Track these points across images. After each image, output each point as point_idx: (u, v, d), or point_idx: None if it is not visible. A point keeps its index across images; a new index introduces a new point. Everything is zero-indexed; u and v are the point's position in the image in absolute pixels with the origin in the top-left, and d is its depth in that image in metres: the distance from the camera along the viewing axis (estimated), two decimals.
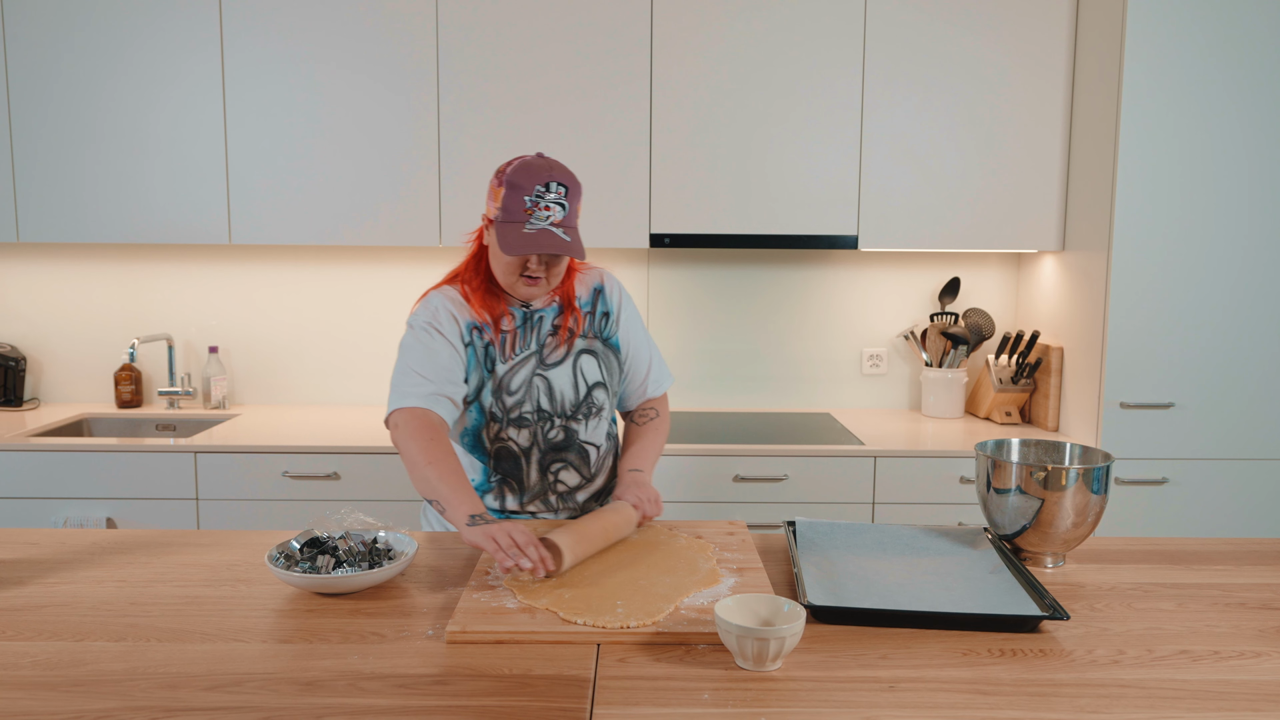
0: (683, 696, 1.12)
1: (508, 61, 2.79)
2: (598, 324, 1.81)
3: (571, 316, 1.78)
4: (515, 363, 1.74)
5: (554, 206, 1.61)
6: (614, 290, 1.85)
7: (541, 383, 1.74)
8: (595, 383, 1.78)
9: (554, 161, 1.66)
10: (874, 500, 2.66)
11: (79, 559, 1.57)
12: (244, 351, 3.22)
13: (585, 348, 1.79)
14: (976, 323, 3.09)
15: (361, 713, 1.08)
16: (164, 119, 2.82)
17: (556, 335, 1.76)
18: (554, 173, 1.63)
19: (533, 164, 1.64)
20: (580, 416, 1.78)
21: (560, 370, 1.76)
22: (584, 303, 1.81)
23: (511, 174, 1.63)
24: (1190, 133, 2.57)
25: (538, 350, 1.75)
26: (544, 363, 1.75)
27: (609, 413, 1.83)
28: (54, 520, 2.64)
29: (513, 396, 1.73)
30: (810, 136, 2.83)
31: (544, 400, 1.74)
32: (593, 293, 1.83)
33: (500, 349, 1.73)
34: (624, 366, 1.86)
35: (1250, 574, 1.55)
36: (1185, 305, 2.62)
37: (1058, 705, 1.11)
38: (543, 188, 1.61)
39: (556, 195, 1.62)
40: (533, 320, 1.77)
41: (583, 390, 1.77)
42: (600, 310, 1.82)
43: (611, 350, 1.82)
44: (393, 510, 2.64)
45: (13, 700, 1.10)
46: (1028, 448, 1.68)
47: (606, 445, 1.84)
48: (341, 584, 1.40)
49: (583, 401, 1.77)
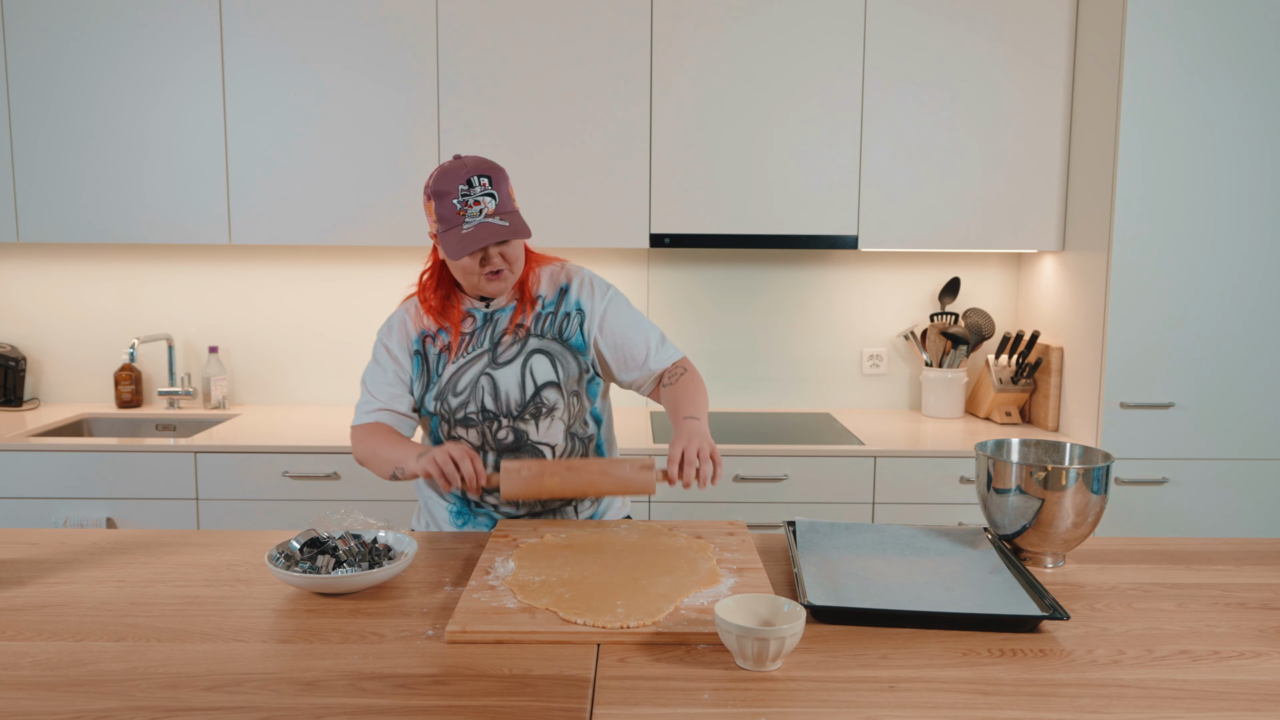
0: (683, 696, 1.12)
1: (508, 61, 2.79)
2: (558, 323, 1.77)
3: (523, 311, 1.76)
4: (464, 362, 1.74)
5: (483, 199, 1.63)
6: (584, 287, 1.79)
7: (488, 382, 1.73)
8: (546, 382, 1.73)
9: (469, 158, 1.67)
10: (874, 500, 2.66)
11: (79, 559, 1.57)
12: (244, 351, 3.22)
13: (540, 347, 1.75)
14: (976, 323, 3.09)
15: (361, 713, 1.08)
16: (164, 119, 2.82)
17: (511, 332, 1.75)
18: (471, 169, 1.64)
19: (449, 168, 1.65)
20: (528, 417, 1.74)
21: (509, 369, 1.73)
22: (547, 302, 1.78)
23: (434, 184, 1.65)
24: (1190, 132, 2.57)
25: (491, 349, 1.74)
26: (495, 362, 1.74)
27: (567, 412, 1.76)
28: (54, 520, 2.64)
29: (458, 397, 1.73)
30: (810, 136, 2.83)
31: (488, 400, 1.73)
32: (558, 291, 1.79)
33: (450, 351, 1.75)
34: (613, 360, 1.80)
35: (1250, 574, 1.55)
36: (1185, 305, 2.62)
37: (1058, 705, 1.11)
38: (465, 186, 1.63)
39: (482, 188, 1.63)
40: (491, 319, 1.76)
41: (530, 389, 1.73)
42: (564, 310, 1.78)
43: (571, 351, 1.76)
44: (393, 510, 2.64)
45: (13, 700, 1.10)
46: (1028, 448, 1.68)
47: (568, 445, 1.79)
48: (341, 584, 1.40)
49: (529, 401, 1.73)
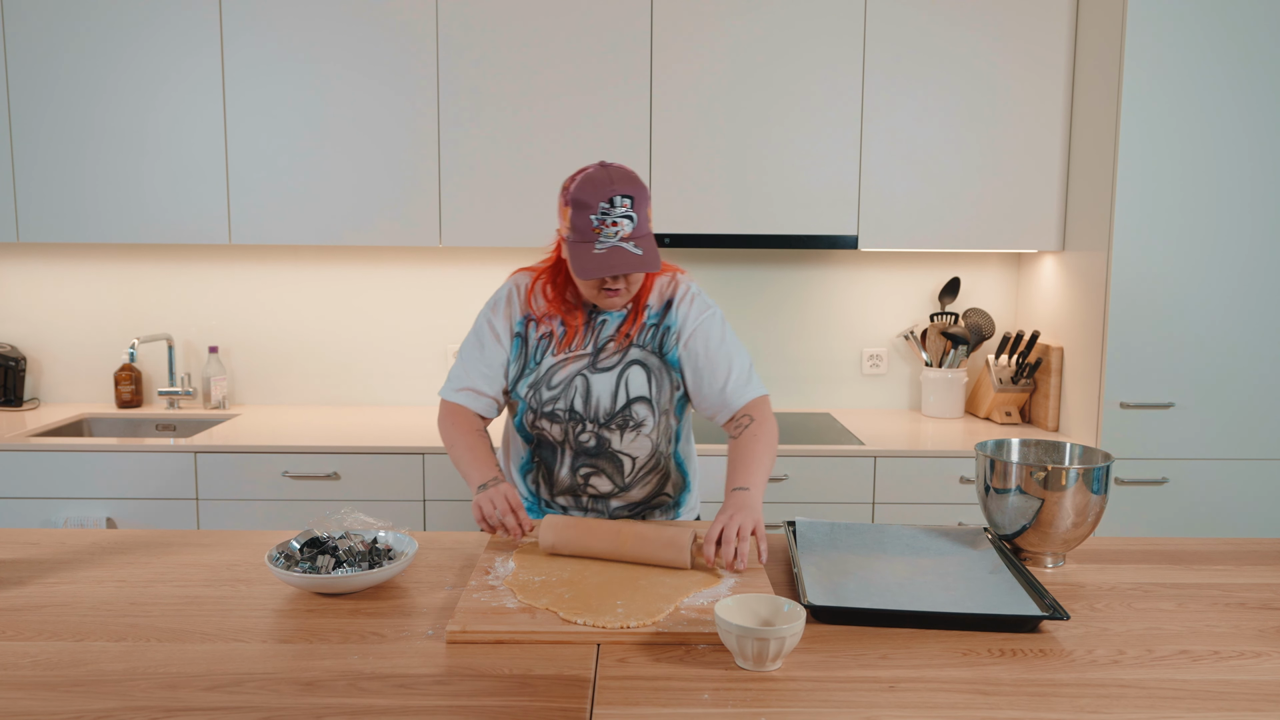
0: (683, 696, 1.12)
1: (508, 61, 2.79)
2: (659, 337, 1.75)
3: (632, 320, 1.75)
4: (565, 358, 1.74)
5: (621, 221, 1.58)
6: (684, 301, 1.77)
7: (582, 384, 1.73)
8: (639, 397, 1.73)
9: (616, 170, 1.62)
10: (874, 500, 2.66)
11: (79, 559, 1.57)
12: (244, 351, 3.22)
13: (639, 359, 1.74)
14: (976, 323, 3.09)
15: (361, 713, 1.08)
16: (164, 119, 2.82)
17: (617, 339, 1.75)
18: (617, 185, 1.59)
19: (595, 177, 1.60)
20: (614, 427, 1.73)
21: (605, 376, 1.73)
22: (653, 313, 1.77)
23: (575, 191, 1.60)
24: (1190, 132, 2.57)
25: (593, 353, 1.74)
26: (595, 366, 1.74)
27: (656, 429, 1.76)
28: (54, 520, 2.64)
29: (551, 391, 1.74)
30: (810, 136, 2.83)
31: (579, 401, 1.72)
32: (664, 304, 1.78)
33: (555, 342, 1.75)
34: (691, 379, 1.77)
35: (1250, 574, 1.55)
36: (1185, 305, 2.62)
37: (1058, 705, 1.11)
38: (607, 204, 1.58)
39: (623, 209, 1.58)
40: (596, 323, 1.76)
41: (621, 401, 1.72)
42: (665, 324, 1.76)
43: (667, 366, 1.75)
44: (393, 510, 2.64)
45: (13, 700, 1.10)
46: (1028, 448, 1.68)
47: (648, 459, 1.78)
48: (341, 584, 1.40)
49: (618, 412, 1.72)
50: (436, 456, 2.64)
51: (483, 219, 2.84)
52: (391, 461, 2.64)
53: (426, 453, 2.63)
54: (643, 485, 1.81)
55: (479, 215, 2.83)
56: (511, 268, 3.18)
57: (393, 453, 2.63)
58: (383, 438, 2.71)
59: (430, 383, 3.20)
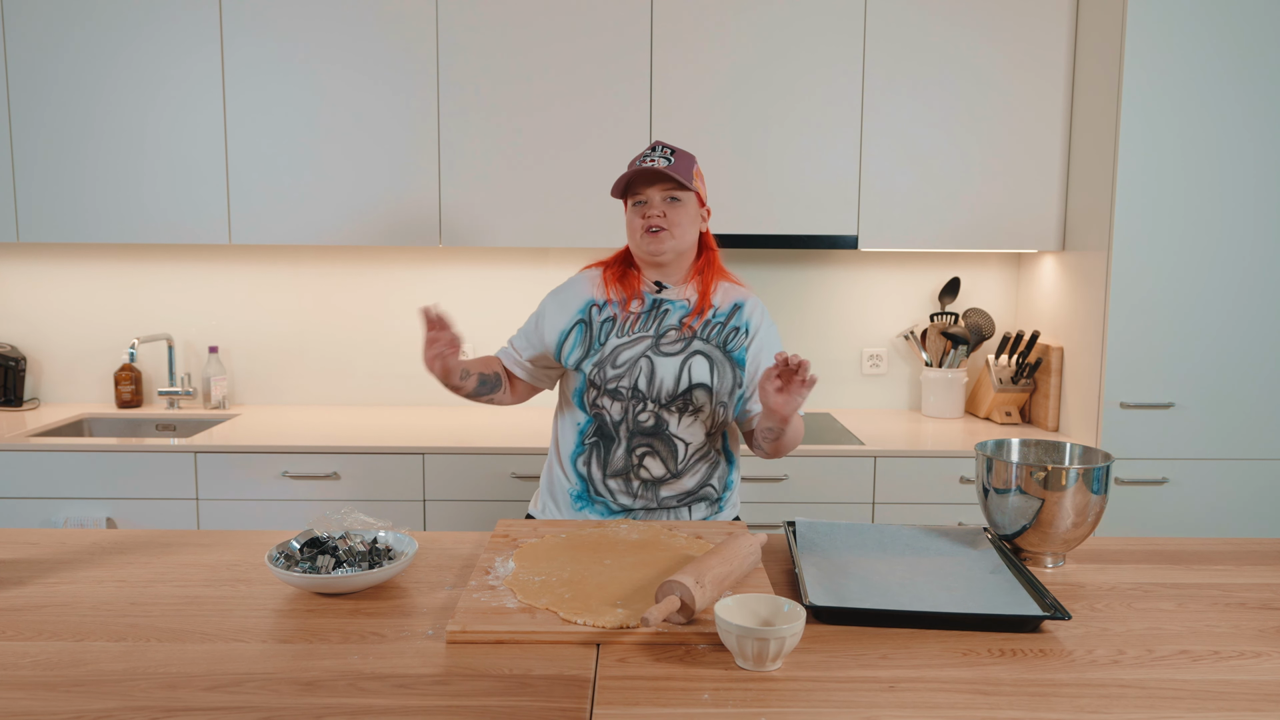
0: (683, 696, 1.12)
1: (508, 61, 2.79)
2: (725, 334, 1.85)
3: (697, 313, 1.84)
4: (628, 340, 1.83)
5: (658, 159, 1.78)
6: (754, 311, 1.89)
7: (646, 364, 1.81)
8: (699, 383, 1.81)
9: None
10: (874, 500, 2.66)
11: (79, 559, 1.57)
12: (244, 351, 3.22)
13: (702, 350, 1.83)
14: (976, 323, 3.09)
15: (361, 713, 1.08)
16: (164, 119, 2.82)
17: (679, 329, 1.83)
18: (657, 143, 1.82)
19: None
20: (674, 409, 1.81)
21: (669, 360, 1.82)
22: (719, 312, 1.87)
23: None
24: (1190, 132, 2.57)
25: (655, 338, 1.83)
26: (658, 349, 1.82)
27: (711, 417, 1.84)
28: (54, 520, 2.64)
29: (616, 370, 1.82)
30: (810, 136, 2.83)
31: (643, 381, 1.81)
32: (731, 306, 1.88)
33: (619, 325, 1.84)
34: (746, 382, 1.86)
35: (1250, 574, 1.55)
36: (1185, 305, 2.62)
37: (1058, 705, 1.11)
38: (649, 150, 1.81)
39: (662, 152, 1.79)
40: (659, 310, 1.85)
41: (684, 385, 1.81)
42: (733, 324, 1.86)
43: (731, 362, 1.84)
44: (393, 510, 2.64)
45: (13, 700, 1.10)
46: (1028, 448, 1.68)
47: (701, 445, 1.85)
48: (341, 584, 1.40)
49: (680, 395, 1.81)
50: (436, 456, 2.64)
51: (483, 219, 2.84)
52: (391, 461, 2.64)
53: (426, 453, 2.63)
54: (693, 473, 1.86)
55: (479, 215, 2.83)
56: (512, 268, 3.18)
57: (393, 453, 2.63)
58: (383, 438, 2.71)
59: (430, 382, 3.20)
